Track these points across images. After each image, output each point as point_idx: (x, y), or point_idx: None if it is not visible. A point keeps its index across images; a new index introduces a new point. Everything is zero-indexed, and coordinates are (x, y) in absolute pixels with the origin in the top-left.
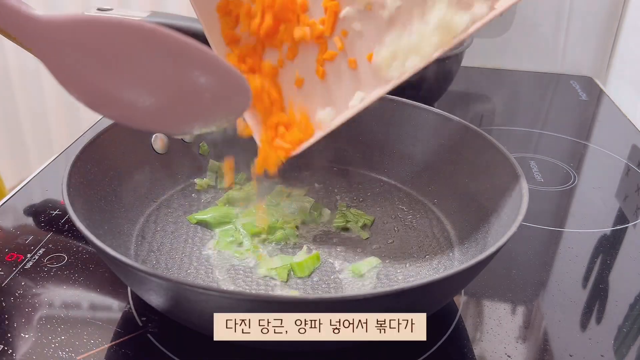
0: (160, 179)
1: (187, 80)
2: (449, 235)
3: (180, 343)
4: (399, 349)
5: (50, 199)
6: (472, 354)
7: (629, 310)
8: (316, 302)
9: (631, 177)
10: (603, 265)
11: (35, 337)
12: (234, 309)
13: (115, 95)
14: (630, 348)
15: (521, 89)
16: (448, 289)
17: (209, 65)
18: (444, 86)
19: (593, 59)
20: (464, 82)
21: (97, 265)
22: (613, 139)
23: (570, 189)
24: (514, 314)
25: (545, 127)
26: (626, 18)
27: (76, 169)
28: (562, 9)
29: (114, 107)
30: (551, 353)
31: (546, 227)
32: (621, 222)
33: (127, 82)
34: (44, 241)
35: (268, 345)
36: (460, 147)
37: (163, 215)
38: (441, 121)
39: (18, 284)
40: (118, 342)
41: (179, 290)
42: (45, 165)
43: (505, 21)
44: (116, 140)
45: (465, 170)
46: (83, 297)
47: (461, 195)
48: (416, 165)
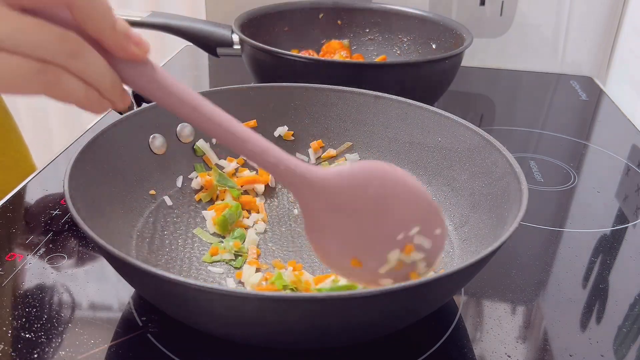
0: (159, 179)
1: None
2: (448, 234)
3: (180, 343)
4: (399, 349)
5: (50, 199)
6: (472, 354)
7: (629, 310)
8: (324, 299)
9: (631, 177)
10: (603, 265)
11: (36, 337)
12: (236, 309)
13: (351, 241)
14: (630, 348)
15: (521, 89)
16: (448, 288)
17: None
18: (444, 86)
19: (593, 59)
20: (464, 82)
21: (97, 265)
22: (613, 139)
23: (570, 189)
24: (514, 314)
25: (545, 127)
26: (626, 18)
27: (76, 169)
28: (562, 9)
29: (345, 255)
30: (551, 353)
31: (546, 227)
32: (621, 222)
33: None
34: (44, 241)
35: (270, 342)
36: (460, 147)
37: (162, 215)
38: (441, 121)
39: (18, 283)
40: (118, 342)
41: (184, 290)
42: (45, 165)
43: (505, 21)
44: (116, 140)
45: (465, 169)
46: (83, 297)
47: (461, 194)
48: (416, 164)
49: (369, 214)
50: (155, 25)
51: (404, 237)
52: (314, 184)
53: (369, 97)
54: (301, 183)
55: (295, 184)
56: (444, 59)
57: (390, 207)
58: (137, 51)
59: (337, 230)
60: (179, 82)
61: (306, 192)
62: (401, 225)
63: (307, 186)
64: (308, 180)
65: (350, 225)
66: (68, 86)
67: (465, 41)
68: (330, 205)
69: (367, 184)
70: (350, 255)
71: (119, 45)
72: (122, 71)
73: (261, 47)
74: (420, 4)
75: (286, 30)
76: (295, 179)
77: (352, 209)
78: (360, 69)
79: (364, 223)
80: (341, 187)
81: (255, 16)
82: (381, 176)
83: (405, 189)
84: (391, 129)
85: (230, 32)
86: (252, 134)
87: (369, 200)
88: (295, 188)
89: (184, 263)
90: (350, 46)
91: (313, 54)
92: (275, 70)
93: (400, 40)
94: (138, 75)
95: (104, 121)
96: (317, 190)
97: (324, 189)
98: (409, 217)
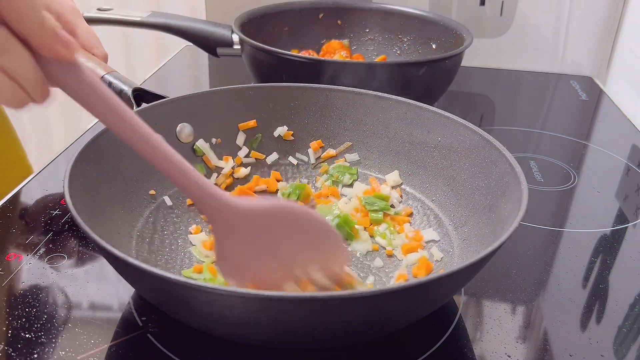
0: (159, 179)
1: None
2: (448, 233)
3: (180, 343)
4: (399, 349)
5: (50, 199)
6: (472, 354)
7: (629, 310)
8: (324, 299)
9: (631, 177)
10: (603, 265)
11: (36, 337)
12: (236, 309)
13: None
14: (630, 348)
15: (521, 89)
16: (448, 288)
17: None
18: (444, 86)
19: (593, 59)
20: (464, 82)
21: (97, 265)
22: (613, 139)
23: (570, 189)
24: (514, 314)
25: (545, 127)
26: (626, 18)
27: (76, 169)
28: (562, 9)
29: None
30: (551, 353)
31: (546, 227)
32: (621, 222)
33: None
34: (44, 241)
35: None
36: (460, 146)
37: (162, 215)
38: (441, 121)
39: (18, 284)
40: (118, 342)
41: (184, 290)
42: (45, 165)
43: (505, 21)
44: (116, 140)
45: (465, 169)
46: (83, 297)
47: (461, 194)
48: (416, 164)
49: (273, 247)
50: (155, 25)
51: (301, 272)
52: (228, 213)
53: (369, 97)
54: (216, 211)
55: (211, 210)
56: (444, 59)
57: (293, 242)
58: (63, 51)
59: (241, 257)
60: (107, 89)
61: (220, 218)
62: (301, 259)
63: (221, 214)
64: (223, 209)
65: (254, 254)
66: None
67: (465, 41)
68: (239, 233)
69: (275, 220)
70: (249, 280)
71: (44, 44)
72: (48, 70)
73: (261, 47)
74: (420, 4)
75: (286, 30)
76: (212, 206)
77: (258, 241)
78: (360, 69)
79: (267, 255)
80: (252, 220)
81: (255, 16)
82: (287, 214)
83: (310, 227)
84: (391, 129)
85: (230, 32)
86: (175, 153)
87: (274, 235)
88: (210, 214)
89: (184, 263)
90: (350, 46)
91: (313, 54)
92: (275, 70)
93: (400, 40)
94: (64, 76)
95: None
96: (230, 219)
97: (236, 219)
98: (309, 253)
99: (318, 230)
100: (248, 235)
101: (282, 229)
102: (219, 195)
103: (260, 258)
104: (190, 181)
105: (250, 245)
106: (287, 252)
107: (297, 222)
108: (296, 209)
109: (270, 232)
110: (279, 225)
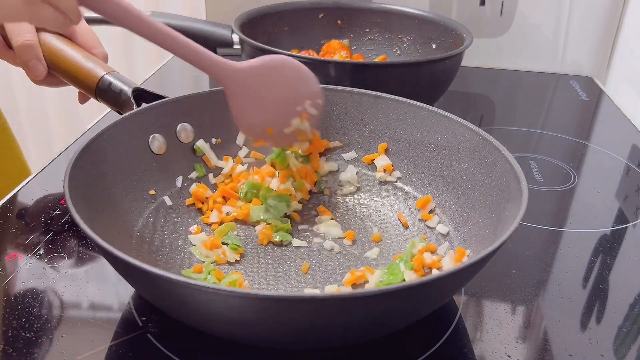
0: (159, 179)
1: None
2: (448, 233)
3: (180, 343)
4: (399, 349)
5: (50, 199)
6: (472, 354)
7: (629, 310)
8: (324, 299)
9: (631, 177)
10: (603, 265)
11: (36, 337)
12: (236, 308)
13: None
14: (630, 348)
15: (521, 89)
16: (448, 288)
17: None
18: (444, 86)
19: (593, 59)
20: (464, 82)
21: (97, 265)
22: (613, 139)
23: (570, 189)
24: (514, 314)
25: (545, 127)
26: (626, 18)
27: (76, 169)
28: (562, 9)
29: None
30: (551, 353)
31: (546, 227)
32: (621, 222)
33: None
34: (44, 241)
35: (270, 342)
36: (460, 146)
37: (162, 215)
38: (441, 121)
39: (18, 284)
40: (118, 342)
41: (184, 290)
42: (45, 165)
43: (505, 21)
44: (116, 140)
45: (465, 169)
46: (83, 297)
47: (461, 194)
48: (415, 164)
49: (276, 93)
50: None
51: (301, 108)
52: (235, 75)
53: (369, 97)
54: (226, 75)
55: (222, 77)
56: (444, 59)
57: (290, 87)
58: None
59: (254, 108)
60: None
61: (230, 82)
62: (299, 99)
63: (230, 77)
64: (231, 72)
65: (264, 103)
66: (46, 15)
67: (465, 41)
68: (248, 89)
69: (272, 71)
70: (265, 126)
71: None
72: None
73: (261, 47)
74: (420, 4)
75: (286, 30)
76: (222, 73)
77: (264, 90)
78: (360, 69)
79: (273, 101)
80: (255, 75)
81: (255, 16)
82: (282, 65)
83: (299, 74)
84: (391, 129)
85: (230, 32)
86: (188, 40)
87: (275, 83)
88: (221, 80)
89: (184, 263)
90: (350, 46)
91: (313, 54)
92: None
93: (400, 40)
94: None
95: (104, 121)
96: (238, 80)
97: (243, 77)
98: (303, 94)
99: (301, 72)
100: (253, 87)
101: (279, 76)
102: (225, 63)
103: (267, 102)
104: (200, 56)
105: (257, 95)
106: (285, 93)
107: (285, 68)
108: (281, 58)
109: (269, 80)
110: (273, 73)
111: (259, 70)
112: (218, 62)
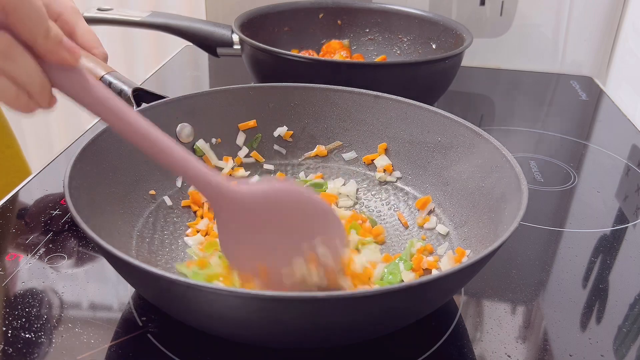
0: (159, 179)
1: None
2: (448, 233)
3: (180, 343)
4: (399, 349)
5: (50, 199)
6: (472, 354)
7: (629, 310)
8: (324, 299)
9: (631, 177)
10: (603, 265)
11: (35, 337)
12: (236, 308)
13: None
14: (630, 348)
15: (521, 89)
16: (448, 288)
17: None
18: (444, 86)
19: (593, 59)
20: (464, 82)
21: (97, 265)
22: (613, 139)
23: (570, 189)
24: (514, 314)
25: (545, 127)
26: (626, 18)
27: (76, 170)
28: (562, 9)
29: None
30: (551, 353)
31: (546, 227)
32: (621, 222)
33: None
34: (44, 241)
35: (269, 342)
36: (460, 146)
37: (162, 215)
38: (441, 121)
39: (18, 284)
40: (118, 342)
41: (184, 290)
42: (45, 165)
43: (505, 21)
44: (116, 140)
45: (465, 169)
46: (83, 297)
47: (460, 194)
48: (415, 164)
49: (277, 225)
50: (155, 25)
51: (307, 245)
52: (230, 200)
53: (369, 97)
54: (219, 197)
55: (213, 198)
56: (444, 59)
57: (297, 221)
58: (68, 57)
59: (245, 240)
60: (109, 91)
61: (222, 205)
62: (306, 235)
63: (223, 201)
64: (225, 195)
65: (259, 234)
66: (3, 89)
67: (465, 41)
68: (243, 218)
69: (276, 202)
70: (257, 260)
71: (50, 50)
72: (53, 75)
73: (261, 47)
74: (420, 4)
75: (286, 30)
76: (214, 193)
77: (262, 223)
78: (360, 69)
79: (271, 235)
80: (254, 204)
81: (255, 16)
82: (288, 195)
83: (309, 205)
84: (391, 129)
85: (230, 32)
86: (178, 147)
87: (278, 214)
88: (213, 201)
89: (184, 263)
90: (350, 46)
91: (313, 54)
92: (275, 70)
93: (400, 40)
94: (69, 81)
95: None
96: (233, 205)
97: (241, 205)
98: (313, 230)
99: (316, 208)
100: (250, 219)
101: (283, 209)
102: (219, 184)
103: (264, 238)
104: (191, 172)
105: (253, 228)
106: (289, 231)
107: (296, 201)
108: (294, 190)
109: (271, 213)
110: (279, 206)
111: (263, 199)
112: (215, 182)
